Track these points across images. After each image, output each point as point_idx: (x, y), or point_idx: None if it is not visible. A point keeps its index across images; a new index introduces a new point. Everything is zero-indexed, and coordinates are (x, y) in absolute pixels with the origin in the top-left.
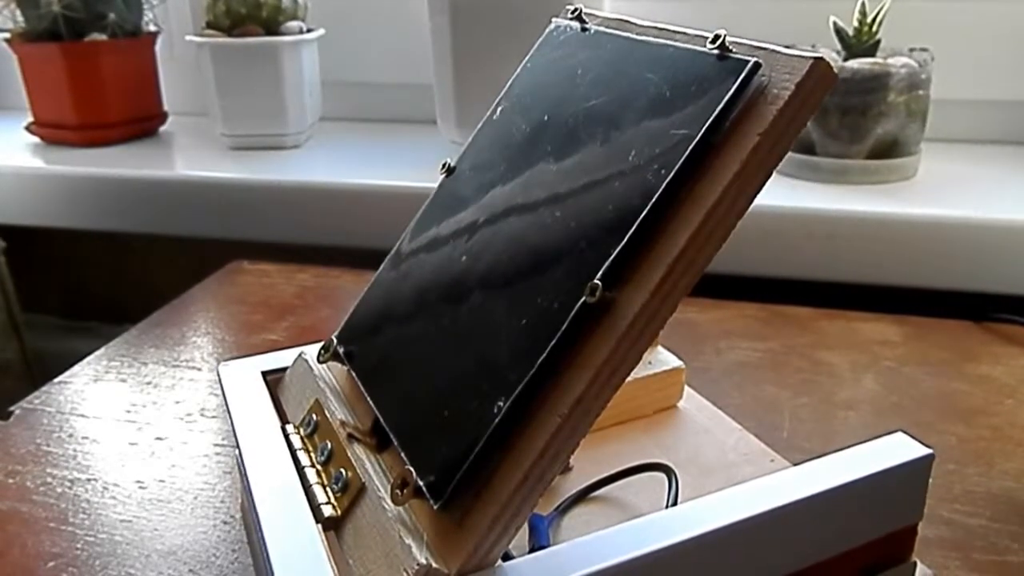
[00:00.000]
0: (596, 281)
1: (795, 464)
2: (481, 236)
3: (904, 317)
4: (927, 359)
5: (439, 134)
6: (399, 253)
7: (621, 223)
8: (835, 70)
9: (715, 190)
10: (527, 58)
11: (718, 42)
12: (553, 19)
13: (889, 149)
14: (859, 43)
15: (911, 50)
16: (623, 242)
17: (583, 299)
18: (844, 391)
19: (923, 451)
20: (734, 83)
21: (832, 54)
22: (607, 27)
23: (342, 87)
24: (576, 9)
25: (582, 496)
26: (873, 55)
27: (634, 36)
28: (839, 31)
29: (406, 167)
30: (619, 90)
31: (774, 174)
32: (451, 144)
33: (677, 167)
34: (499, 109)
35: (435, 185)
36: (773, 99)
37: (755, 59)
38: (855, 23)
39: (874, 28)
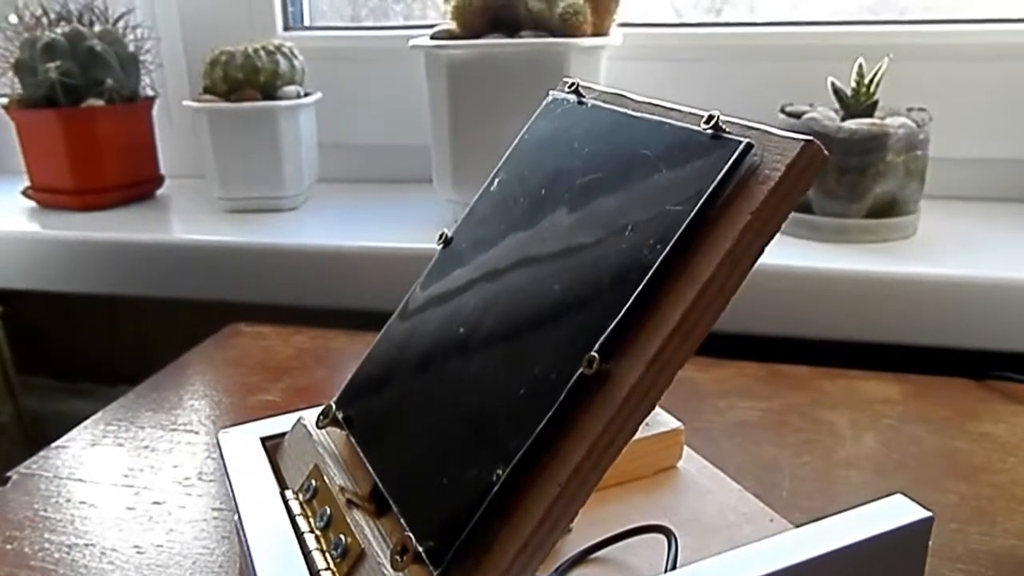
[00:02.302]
0: (593, 353)
1: (796, 525)
2: (479, 307)
3: (904, 375)
4: (928, 417)
5: (435, 192)
6: (397, 323)
7: (618, 296)
8: (825, 152)
9: (709, 266)
10: (524, 129)
11: (712, 122)
12: (551, 92)
13: (888, 208)
14: (857, 103)
15: (909, 110)
16: (620, 315)
17: (580, 371)
18: (845, 450)
19: (922, 513)
20: (726, 163)
21: (830, 114)
22: (604, 101)
23: (339, 149)
24: (573, 83)
25: (582, 558)
26: (871, 115)
27: (630, 112)
28: (837, 91)
29: (403, 228)
30: (615, 165)
31: None
32: (447, 202)
33: (672, 243)
34: (496, 180)
35: (432, 246)
36: (764, 179)
37: (747, 140)
38: (853, 83)
39: (872, 88)
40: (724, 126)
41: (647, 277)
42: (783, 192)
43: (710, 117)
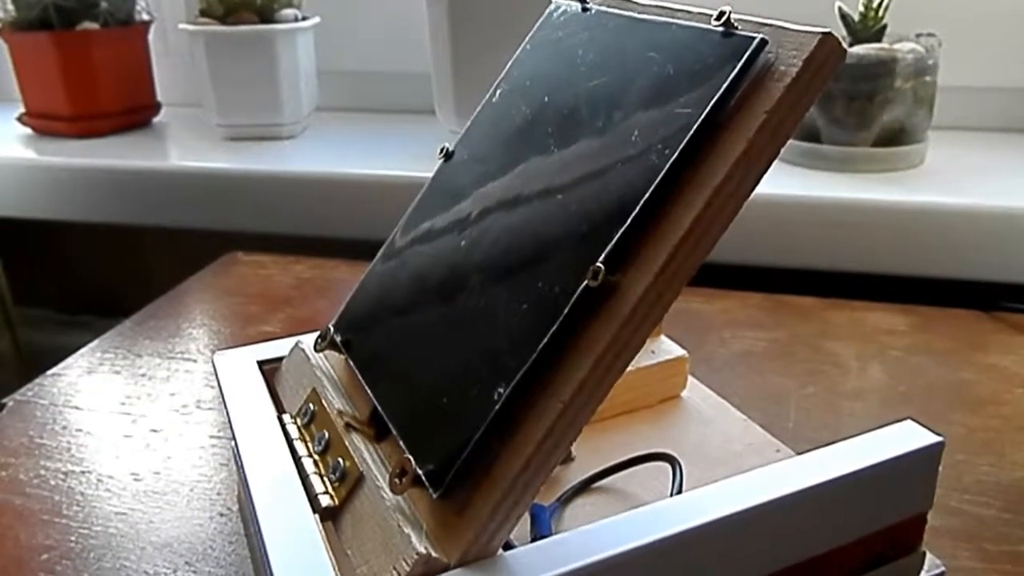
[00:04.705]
0: (599, 264)
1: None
2: (480, 222)
3: (911, 307)
4: (935, 349)
5: (437, 123)
6: (395, 241)
7: (624, 206)
8: (844, 47)
9: (720, 170)
10: (527, 39)
11: (723, 19)
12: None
13: (896, 136)
14: (865, 28)
15: (918, 36)
16: (626, 225)
17: (585, 283)
18: (850, 381)
19: (933, 438)
20: (739, 60)
21: None
22: (608, 6)
23: (338, 76)
24: None
25: (585, 486)
26: (879, 41)
27: (636, 15)
28: (844, 16)
29: (404, 157)
30: (621, 70)
31: (779, 162)
32: (450, 133)
33: (681, 148)
34: (498, 92)
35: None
36: (780, 76)
37: (761, 36)
38: (860, 8)
39: (880, 13)
40: (736, 23)
41: (655, 184)
42: (800, 89)
43: (721, 13)
